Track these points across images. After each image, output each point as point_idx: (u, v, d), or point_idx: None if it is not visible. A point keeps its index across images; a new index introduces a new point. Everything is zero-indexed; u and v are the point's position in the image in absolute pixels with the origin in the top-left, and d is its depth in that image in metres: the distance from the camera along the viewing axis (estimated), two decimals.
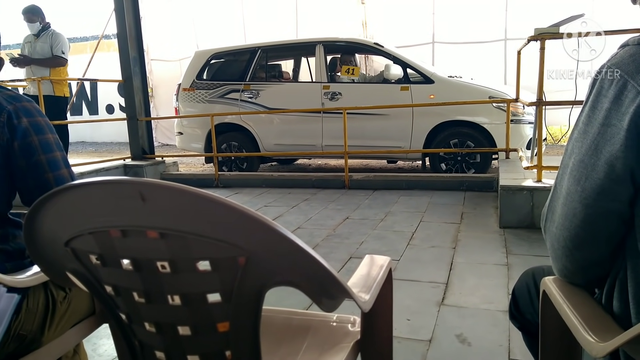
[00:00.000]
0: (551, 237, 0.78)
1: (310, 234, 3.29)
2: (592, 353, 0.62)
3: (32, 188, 1.12)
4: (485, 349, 1.73)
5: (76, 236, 0.64)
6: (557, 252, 0.77)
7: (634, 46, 0.67)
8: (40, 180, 1.12)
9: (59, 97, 5.31)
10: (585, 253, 0.73)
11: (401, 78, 5.29)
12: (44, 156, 1.13)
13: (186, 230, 0.58)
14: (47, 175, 1.13)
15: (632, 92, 0.62)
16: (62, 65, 5.31)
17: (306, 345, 0.99)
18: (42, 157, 1.12)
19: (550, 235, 0.78)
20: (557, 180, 0.77)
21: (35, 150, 1.11)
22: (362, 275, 0.94)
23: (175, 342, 0.68)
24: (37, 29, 5.14)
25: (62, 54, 5.22)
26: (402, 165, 6.80)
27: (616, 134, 0.64)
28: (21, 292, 0.97)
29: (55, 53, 5.18)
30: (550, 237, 0.79)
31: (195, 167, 7.75)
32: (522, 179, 3.48)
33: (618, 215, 0.68)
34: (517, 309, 1.03)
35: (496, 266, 2.55)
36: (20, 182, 1.12)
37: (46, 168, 1.13)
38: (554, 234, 0.77)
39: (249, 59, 5.96)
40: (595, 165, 0.67)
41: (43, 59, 5.16)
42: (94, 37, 10.62)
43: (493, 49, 8.03)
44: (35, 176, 1.12)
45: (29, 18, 5.09)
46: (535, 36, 3.24)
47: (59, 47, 5.19)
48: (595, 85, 0.69)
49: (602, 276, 0.74)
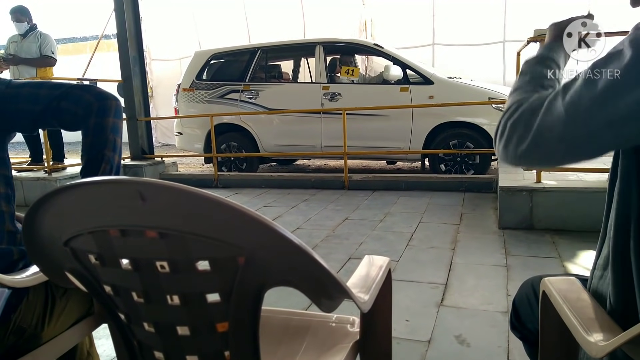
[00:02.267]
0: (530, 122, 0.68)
1: (309, 235, 3.29)
2: (591, 353, 0.62)
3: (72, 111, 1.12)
4: (484, 350, 1.73)
5: (75, 236, 0.64)
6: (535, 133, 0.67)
7: None
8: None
9: None
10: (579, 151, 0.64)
11: (401, 79, 5.30)
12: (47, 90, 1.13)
13: (185, 230, 0.57)
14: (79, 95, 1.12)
15: None
16: (52, 65, 5.31)
17: (305, 345, 0.99)
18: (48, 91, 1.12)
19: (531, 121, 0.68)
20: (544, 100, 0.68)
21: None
22: (361, 275, 0.94)
23: (174, 342, 0.67)
24: (25, 29, 5.14)
25: (51, 54, 5.23)
26: (402, 166, 6.80)
27: None
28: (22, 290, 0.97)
29: (45, 53, 5.19)
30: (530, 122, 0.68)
31: (195, 168, 7.75)
32: (522, 180, 3.49)
33: None
34: (518, 319, 1.03)
35: (495, 267, 2.55)
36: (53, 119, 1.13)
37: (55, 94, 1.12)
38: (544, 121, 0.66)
39: (249, 59, 5.96)
40: (626, 85, 0.59)
41: (33, 59, 5.17)
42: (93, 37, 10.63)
43: (492, 50, 8.06)
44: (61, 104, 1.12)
45: (16, 18, 5.09)
46: (534, 37, 3.25)
47: (48, 47, 5.20)
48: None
49: None
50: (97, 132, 1.11)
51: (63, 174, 5.12)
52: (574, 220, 3.13)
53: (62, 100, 1.11)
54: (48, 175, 5.01)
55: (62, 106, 1.11)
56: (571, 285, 0.79)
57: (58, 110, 1.11)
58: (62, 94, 1.11)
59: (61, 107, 1.11)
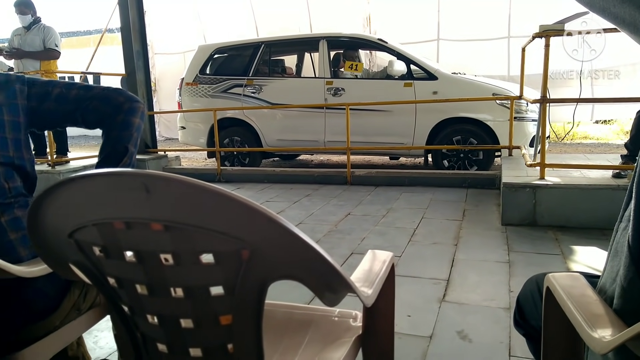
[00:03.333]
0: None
1: (311, 230, 3.29)
2: (595, 350, 0.62)
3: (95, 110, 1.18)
4: (486, 345, 1.73)
5: (80, 228, 0.64)
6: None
7: None
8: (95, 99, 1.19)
9: None
10: None
11: (405, 74, 5.28)
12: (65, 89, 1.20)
13: (190, 222, 0.57)
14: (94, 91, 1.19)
15: None
16: (56, 58, 5.31)
17: (308, 339, 0.99)
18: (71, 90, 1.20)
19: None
20: None
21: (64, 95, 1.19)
22: (364, 270, 0.94)
23: (177, 335, 0.68)
24: (29, 22, 5.14)
25: (55, 46, 5.23)
26: (405, 161, 6.79)
27: None
28: None
29: (49, 46, 5.18)
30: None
31: (198, 162, 7.76)
32: (525, 176, 3.48)
33: None
34: (522, 316, 1.03)
35: (498, 263, 2.54)
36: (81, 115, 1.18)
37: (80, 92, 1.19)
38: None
39: (252, 53, 5.95)
40: None
41: (37, 52, 5.17)
42: (97, 31, 10.63)
43: (497, 46, 8.03)
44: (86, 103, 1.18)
45: (21, 10, 5.09)
46: (540, 33, 3.23)
47: (52, 40, 5.19)
48: None
49: None
50: (124, 127, 1.18)
51: (66, 167, 5.14)
52: (577, 217, 3.12)
53: (94, 100, 1.18)
54: (51, 169, 5.02)
55: (93, 106, 1.18)
56: (575, 281, 0.79)
57: (87, 110, 1.18)
58: (95, 95, 1.19)
59: (91, 107, 1.18)
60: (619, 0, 0.58)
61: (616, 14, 0.60)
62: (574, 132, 8.74)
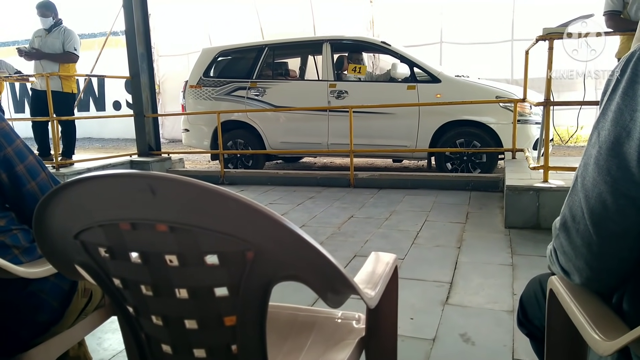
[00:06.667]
0: (573, 236, 0.71)
1: (314, 232, 3.30)
2: (598, 351, 0.62)
3: (27, 202, 1.08)
4: (489, 348, 1.73)
5: (86, 229, 0.64)
6: (580, 249, 0.70)
7: None
8: (26, 192, 1.08)
9: (67, 94, 5.34)
10: (613, 249, 0.66)
11: (408, 77, 5.28)
12: (22, 166, 1.07)
13: (195, 223, 0.58)
14: (31, 185, 1.08)
15: None
16: (74, 61, 5.34)
17: (311, 341, 0.99)
18: (20, 167, 1.07)
19: (572, 233, 0.71)
20: (578, 175, 0.71)
21: (14, 162, 1.06)
22: (368, 271, 0.94)
23: (181, 336, 0.68)
24: (50, 24, 5.17)
25: (74, 50, 5.26)
26: (408, 164, 6.79)
27: None
28: None
29: (68, 49, 5.21)
30: (570, 236, 0.72)
31: (201, 164, 7.77)
32: (529, 179, 3.47)
33: None
34: (525, 316, 1.03)
35: (501, 266, 2.54)
36: (11, 199, 1.08)
37: (28, 178, 1.08)
38: (577, 230, 0.69)
39: (256, 56, 5.96)
40: (628, 154, 0.61)
41: (55, 54, 5.19)
42: (102, 34, 10.65)
43: (500, 49, 8.03)
44: (21, 190, 1.07)
45: (42, 12, 5.12)
46: (543, 36, 3.23)
47: (71, 44, 5.22)
48: (627, 72, 0.64)
49: (625, 275, 0.68)
50: None
51: (71, 170, 5.16)
52: None
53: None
54: (56, 171, 5.04)
55: None
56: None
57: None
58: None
59: None
60: None
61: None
62: (578, 135, 8.71)
